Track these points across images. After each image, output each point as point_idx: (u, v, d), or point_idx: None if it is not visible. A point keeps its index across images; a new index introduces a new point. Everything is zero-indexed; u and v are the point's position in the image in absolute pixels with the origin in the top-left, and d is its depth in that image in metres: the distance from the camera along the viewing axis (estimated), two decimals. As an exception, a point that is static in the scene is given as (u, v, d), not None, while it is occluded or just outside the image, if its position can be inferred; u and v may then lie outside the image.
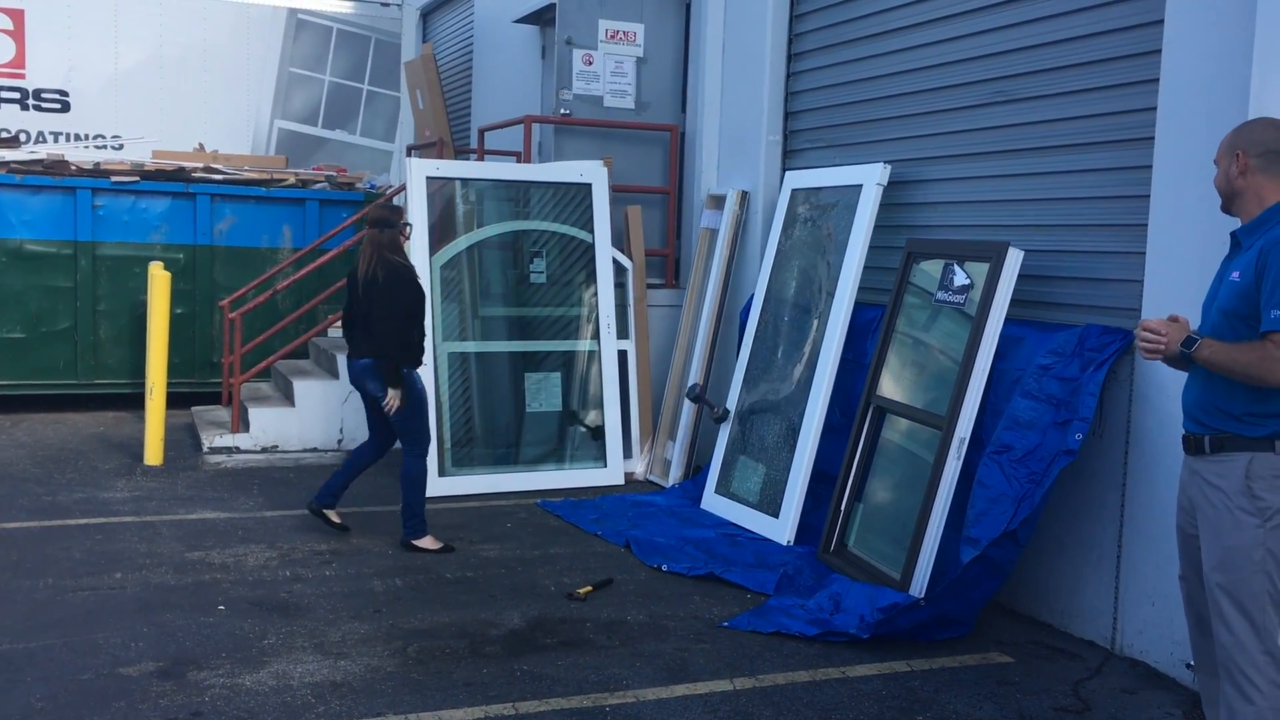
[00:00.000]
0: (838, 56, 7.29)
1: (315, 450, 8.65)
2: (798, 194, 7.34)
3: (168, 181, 10.18)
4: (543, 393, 8.00)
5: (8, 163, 9.77)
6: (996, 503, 5.05)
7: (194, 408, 9.65)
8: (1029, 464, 5.03)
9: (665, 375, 8.44)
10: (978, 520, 5.08)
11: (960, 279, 5.71)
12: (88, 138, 12.67)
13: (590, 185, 8.18)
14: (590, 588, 5.57)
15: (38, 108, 12.56)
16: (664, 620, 5.23)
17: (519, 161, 9.54)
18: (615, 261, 8.23)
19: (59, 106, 12.62)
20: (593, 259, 8.13)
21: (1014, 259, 5.44)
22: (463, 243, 7.92)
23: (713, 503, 7.18)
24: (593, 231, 8.15)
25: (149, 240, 10.09)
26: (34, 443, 8.65)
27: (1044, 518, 5.28)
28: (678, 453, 7.95)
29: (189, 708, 4.12)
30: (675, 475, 7.90)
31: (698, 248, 8.41)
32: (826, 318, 6.68)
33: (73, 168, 9.92)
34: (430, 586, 5.59)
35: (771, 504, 6.67)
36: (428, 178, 7.82)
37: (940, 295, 5.83)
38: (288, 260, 10.22)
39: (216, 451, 8.47)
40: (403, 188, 9.50)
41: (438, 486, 7.44)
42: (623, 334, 8.24)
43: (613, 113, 8.93)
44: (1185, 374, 3.53)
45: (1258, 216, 3.36)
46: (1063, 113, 5.52)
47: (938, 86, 6.37)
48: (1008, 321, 5.44)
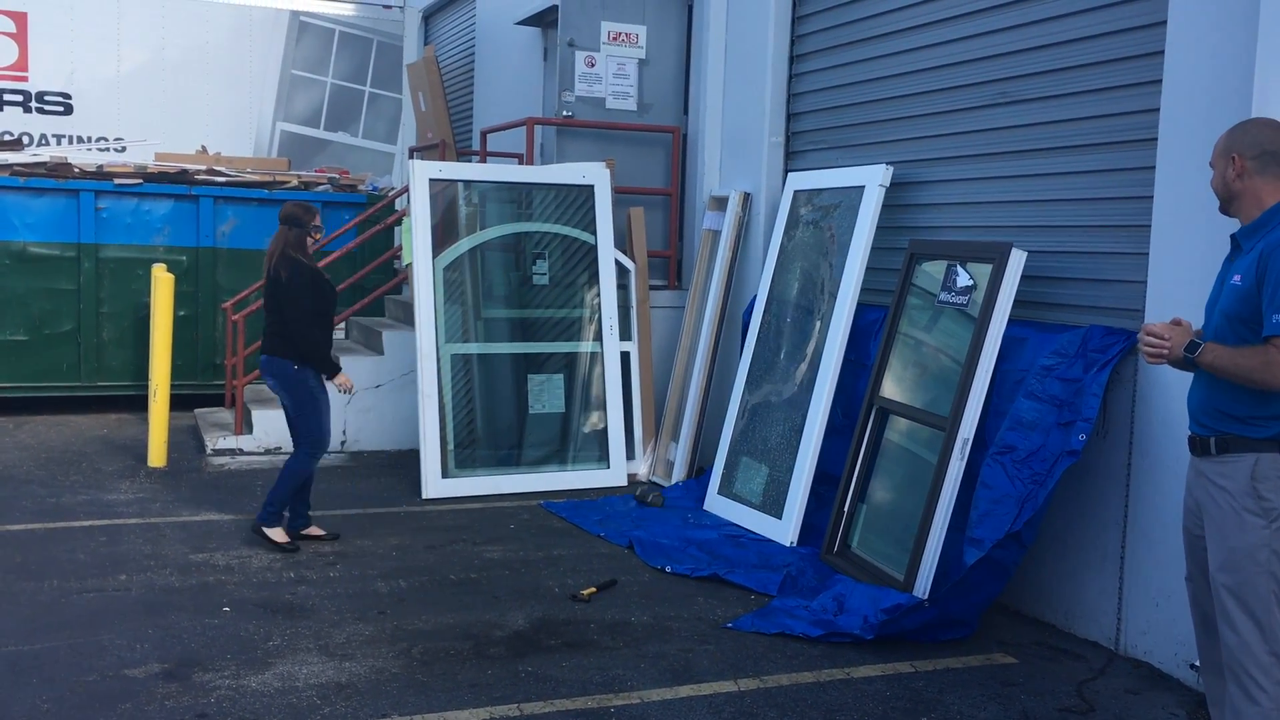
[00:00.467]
0: (840, 58, 7.30)
1: (318, 452, 8.65)
2: (800, 195, 7.35)
3: (170, 184, 10.20)
4: (545, 394, 8.01)
5: (11, 165, 9.79)
6: (1000, 503, 5.05)
7: (197, 410, 9.66)
8: (1032, 465, 5.04)
9: (668, 376, 8.45)
10: (981, 521, 5.08)
11: (963, 280, 5.71)
12: (90, 140, 12.70)
13: (593, 187, 8.19)
14: (594, 589, 5.58)
15: (40, 110, 12.59)
16: (668, 621, 5.23)
17: (521, 163, 9.55)
18: (618, 263, 8.24)
19: (62, 109, 12.65)
20: (595, 260, 8.14)
21: (1017, 260, 5.45)
22: (465, 244, 7.93)
23: (716, 504, 7.18)
24: (595, 233, 8.16)
25: (152, 242, 10.11)
26: (37, 445, 8.66)
27: (1047, 518, 5.28)
28: (680, 454, 7.96)
29: (194, 709, 4.13)
30: (678, 476, 7.91)
31: (700, 249, 8.42)
32: (829, 319, 6.68)
33: (76, 170, 9.94)
34: (434, 588, 5.60)
35: (774, 505, 6.68)
36: (431, 180, 7.84)
37: (943, 296, 5.84)
38: (290, 262, 10.21)
39: (220, 453, 8.48)
40: (405, 189, 9.52)
41: (441, 488, 7.46)
42: (625, 335, 8.25)
43: (615, 114, 8.94)
44: (1189, 375, 3.54)
45: (1257, 219, 3.36)
46: (1065, 114, 5.52)
47: (940, 88, 6.37)
48: (1010, 322, 5.44)
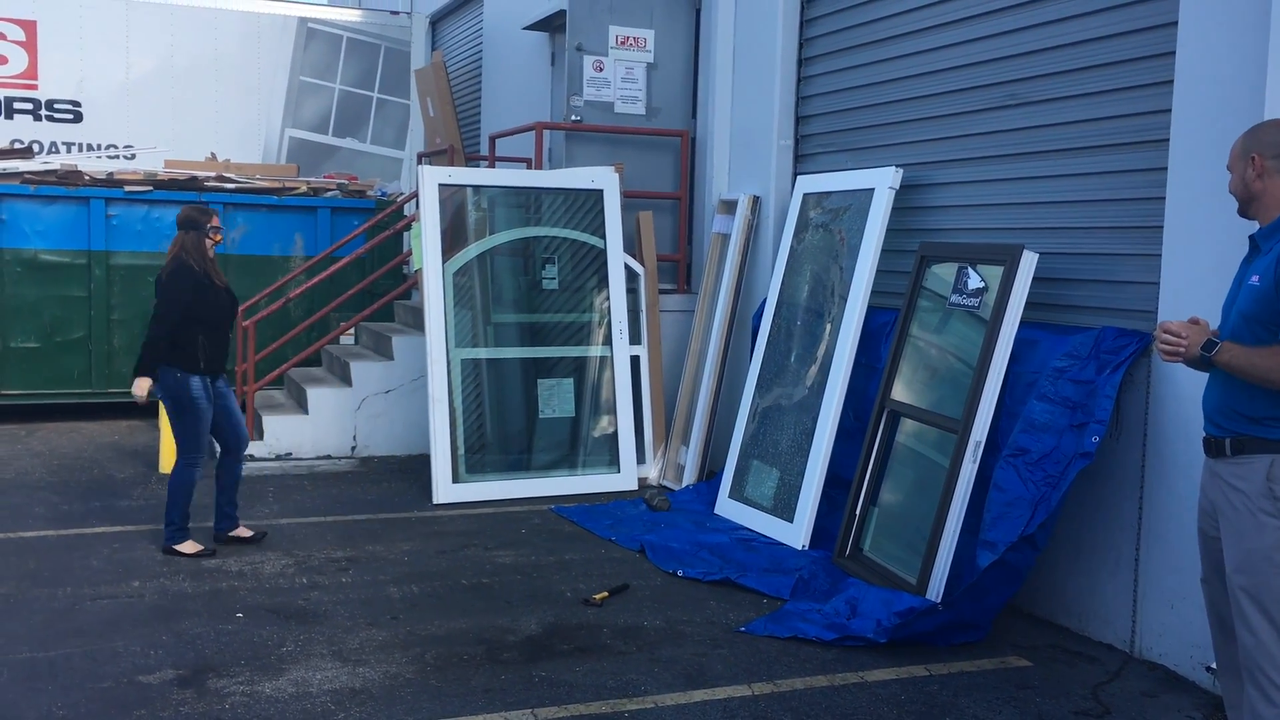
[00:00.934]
0: (849, 60, 7.30)
1: (329, 457, 8.67)
2: (809, 198, 7.34)
3: (180, 191, 10.23)
4: (555, 398, 8.01)
5: (22, 173, 9.83)
6: (1013, 506, 5.04)
7: (208, 416, 9.67)
8: (1045, 467, 5.02)
9: (678, 380, 8.45)
10: (994, 524, 5.07)
11: (975, 282, 5.70)
12: (100, 148, 12.73)
13: (602, 191, 8.20)
14: (606, 593, 5.58)
15: (50, 118, 12.63)
16: (681, 625, 5.23)
17: (530, 168, 9.55)
18: (627, 267, 8.24)
19: (71, 117, 12.69)
20: (604, 265, 8.14)
21: (1029, 262, 5.44)
22: (475, 249, 7.94)
23: (727, 507, 7.17)
24: (604, 237, 8.16)
25: (162, 249, 10.11)
26: (49, 452, 8.68)
27: (1061, 521, 5.26)
28: (691, 457, 7.95)
29: (209, 715, 4.14)
30: (689, 480, 7.90)
31: (709, 253, 8.41)
32: (839, 322, 6.68)
33: (86, 178, 9.97)
34: (447, 593, 5.60)
35: (786, 508, 6.67)
36: (440, 185, 7.85)
37: (954, 298, 5.83)
38: (300, 268, 10.25)
39: (231, 459, 8.48)
40: (414, 195, 9.54)
41: (452, 493, 7.46)
42: (635, 339, 8.25)
43: (623, 118, 8.95)
44: (1203, 377, 3.53)
45: (1277, 219, 3.35)
46: (1076, 115, 5.51)
47: (950, 90, 6.37)
48: (1022, 324, 5.43)
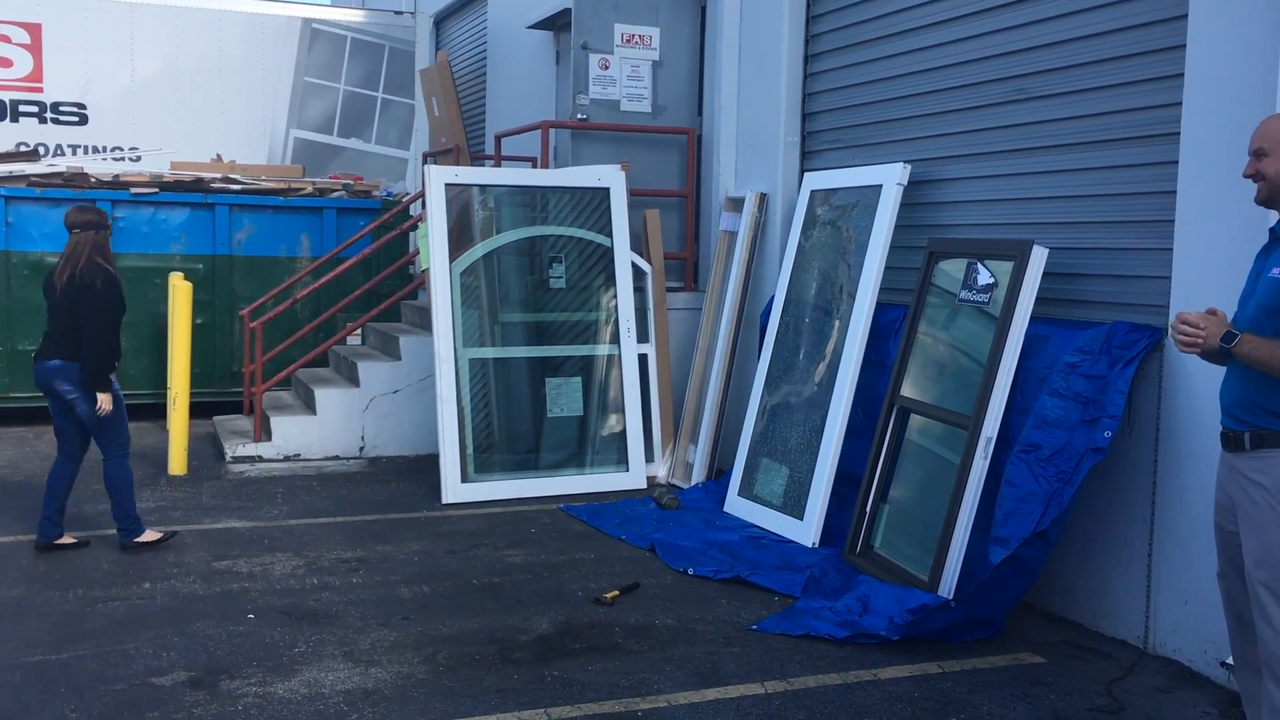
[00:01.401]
0: (855, 57, 7.28)
1: (337, 458, 8.67)
2: (817, 195, 7.32)
3: (186, 192, 10.24)
4: (563, 397, 8.00)
5: (28, 176, 9.84)
6: (1025, 502, 5.02)
7: (216, 417, 9.68)
8: (1057, 462, 5.01)
9: (686, 378, 8.43)
10: (1006, 520, 5.05)
11: (984, 278, 5.68)
12: (105, 150, 12.74)
13: (608, 189, 8.19)
14: (617, 592, 5.57)
15: (56, 121, 12.63)
16: (692, 624, 5.22)
17: (536, 167, 9.54)
18: (634, 265, 8.23)
19: (77, 119, 12.69)
20: (611, 263, 8.13)
21: (1039, 257, 5.42)
22: (481, 249, 7.93)
23: (736, 505, 7.16)
24: (611, 236, 8.15)
25: (169, 251, 10.14)
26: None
27: (1073, 516, 5.25)
28: (700, 455, 7.94)
29: (222, 717, 4.13)
30: (697, 478, 7.89)
31: (716, 250, 8.40)
32: (848, 319, 6.66)
33: (92, 180, 9.98)
34: (457, 593, 5.59)
35: (795, 506, 6.66)
36: (446, 184, 7.84)
37: (964, 294, 5.81)
38: (306, 269, 10.26)
39: (240, 461, 8.50)
40: (420, 195, 9.53)
41: (461, 493, 7.46)
42: (642, 338, 8.24)
43: (629, 117, 8.94)
44: (1215, 371, 3.51)
45: (1299, 211, 3.33)
46: (1085, 109, 5.49)
47: (957, 85, 6.35)
48: (1033, 320, 5.41)
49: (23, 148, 11.85)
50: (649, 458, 8.13)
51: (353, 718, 4.16)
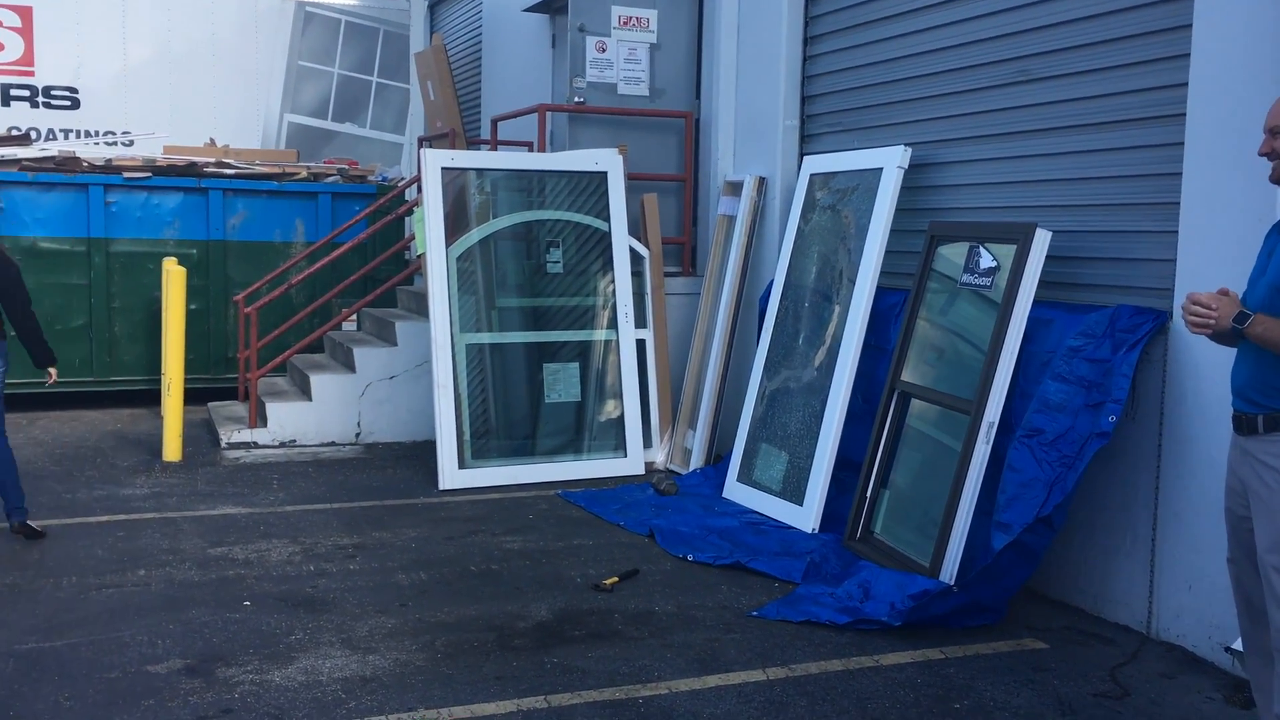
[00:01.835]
0: (855, 38, 7.21)
1: (333, 444, 8.62)
2: (816, 179, 7.26)
3: (180, 177, 10.15)
4: (560, 383, 7.95)
5: (19, 160, 9.75)
6: (1028, 487, 4.98)
7: (210, 403, 9.62)
8: (1060, 447, 4.96)
9: (684, 363, 8.38)
10: (1009, 505, 5.02)
11: (986, 261, 5.63)
12: (98, 134, 12.65)
13: (606, 174, 8.12)
14: (616, 578, 5.53)
15: (48, 105, 12.55)
16: (693, 610, 5.18)
17: (532, 151, 9.47)
18: (632, 250, 8.17)
19: (69, 103, 12.60)
20: (609, 248, 8.07)
21: (1041, 240, 5.36)
22: (478, 234, 7.87)
23: (735, 491, 7.12)
24: (609, 220, 8.09)
25: (162, 236, 10.06)
26: (52, 441, 8.63)
27: (1076, 501, 5.21)
28: (698, 441, 7.90)
29: (219, 705, 4.09)
30: (696, 464, 7.85)
31: (715, 235, 8.34)
32: (848, 303, 6.61)
33: (84, 164, 9.89)
34: (455, 579, 5.55)
35: (795, 491, 6.62)
36: (443, 168, 7.77)
37: (966, 278, 5.76)
38: (301, 254, 10.19)
39: (235, 447, 8.45)
40: (416, 179, 9.46)
41: (458, 479, 7.41)
42: (640, 323, 8.19)
43: (627, 100, 8.86)
44: (1221, 355, 3.46)
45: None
46: (1089, 91, 5.43)
47: (958, 67, 6.28)
48: (1036, 303, 5.36)
49: (14, 132, 11.75)
50: (647, 443, 8.09)
51: (350, 705, 4.11)
